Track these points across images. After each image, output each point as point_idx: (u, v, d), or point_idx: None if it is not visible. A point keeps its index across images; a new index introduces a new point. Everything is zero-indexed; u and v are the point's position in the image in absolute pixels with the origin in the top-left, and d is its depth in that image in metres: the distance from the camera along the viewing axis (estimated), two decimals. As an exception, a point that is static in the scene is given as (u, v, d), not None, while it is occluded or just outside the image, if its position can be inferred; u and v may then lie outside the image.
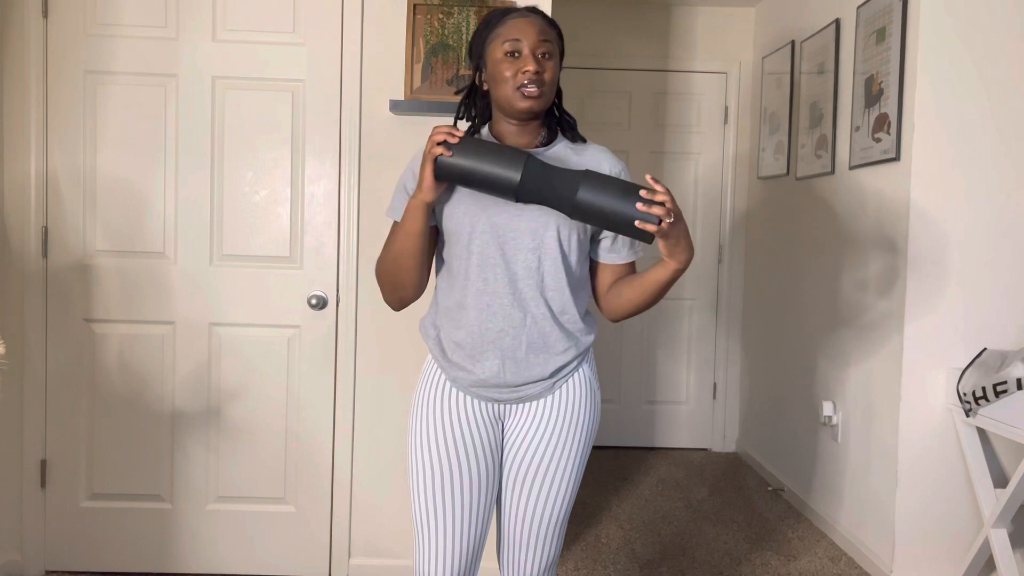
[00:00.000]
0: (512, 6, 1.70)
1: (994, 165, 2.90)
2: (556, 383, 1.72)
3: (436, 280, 1.76)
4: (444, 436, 1.70)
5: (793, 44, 4.06)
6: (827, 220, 3.61)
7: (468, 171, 1.54)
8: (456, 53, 2.74)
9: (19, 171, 2.75)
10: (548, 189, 1.53)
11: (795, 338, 3.97)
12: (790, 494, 3.94)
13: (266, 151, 2.79)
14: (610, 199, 1.50)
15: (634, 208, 1.48)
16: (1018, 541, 2.85)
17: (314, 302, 2.79)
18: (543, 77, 1.62)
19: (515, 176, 1.52)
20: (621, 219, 1.50)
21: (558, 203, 1.54)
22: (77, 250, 2.78)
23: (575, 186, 1.52)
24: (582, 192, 1.51)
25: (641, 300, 1.67)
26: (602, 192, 1.50)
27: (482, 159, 1.53)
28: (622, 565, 3.15)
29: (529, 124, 1.69)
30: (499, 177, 1.53)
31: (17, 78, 2.73)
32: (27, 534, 2.82)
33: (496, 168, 1.53)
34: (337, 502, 2.86)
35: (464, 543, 1.71)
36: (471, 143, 1.55)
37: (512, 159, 1.53)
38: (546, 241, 1.64)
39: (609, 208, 1.50)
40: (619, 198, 1.49)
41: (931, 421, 2.95)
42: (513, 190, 1.53)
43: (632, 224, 1.49)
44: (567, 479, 1.74)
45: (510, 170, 1.52)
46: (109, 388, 2.82)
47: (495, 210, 1.64)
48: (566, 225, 1.65)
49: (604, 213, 1.50)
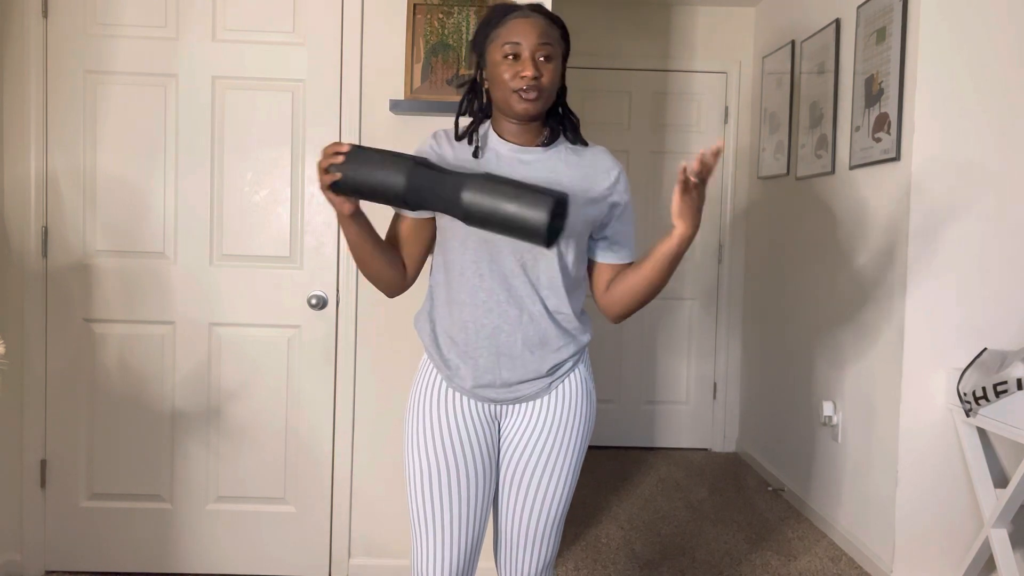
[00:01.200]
0: (515, 4, 1.68)
1: (994, 164, 2.90)
2: (553, 383, 1.71)
3: (432, 274, 1.76)
4: (441, 436, 1.70)
5: (793, 44, 4.06)
6: (827, 220, 3.61)
7: (360, 185, 1.50)
8: (456, 53, 2.74)
9: (19, 171, 2.75)
10: (435, 195, 1.48)
11: (795, 338, 3.97)
12: (790, 494, 3.94)
13: (266, 151, 2.79)
14: (497, 201, 1.44)
15: (525, 210, 1.42)
16: (1018, 541, 2.85)
17: (314, 302, 2.79)
18: (541, 82, 1.61)
19: (400, 182, 1.48)
20: (510, 223, 1.43)
21: (447, 208, 1.49)
22: (77, 250, 2.78)
23: (459, 189, 1.47)
24: (466, 195, 1.46)
25: (647, 281, 1.64)
26: (489, 195, 1.44)
27: (369, 171, 1.50)
28: (622, 565, 3.15)
29: (530, 124, 1.68)
30: (386, 186, 1.49)
31: (17, 78, 2.73)
32: (27, 534, 2.82)
33: (382, 177, 1.49)
34: (337, 502, 2.86)
35: (461, 543, 1.71)
36: (358, 156, 1.50)
37: (396, 166, 1.49)
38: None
39: (497, 211, 1.44)
40: (508, 200, 1.43)
41: (931, 421, 2.95)
42: (401, 198, 1.50)
43: (523, 228, 1.43)
44: (564, 479, 1.74)
45: (395, 177, 1.48)
46: (109, 388, 2.82)
47: None
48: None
49: (492, 217, 1.44)
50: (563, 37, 1.68)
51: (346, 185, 1.51)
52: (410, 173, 1.49)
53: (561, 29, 1.68)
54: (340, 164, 1.50)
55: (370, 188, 1.50)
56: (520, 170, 1.67)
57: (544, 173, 1.67)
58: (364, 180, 1.50)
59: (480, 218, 1.46)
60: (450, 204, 1.48)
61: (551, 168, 1.68)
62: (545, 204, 1.42)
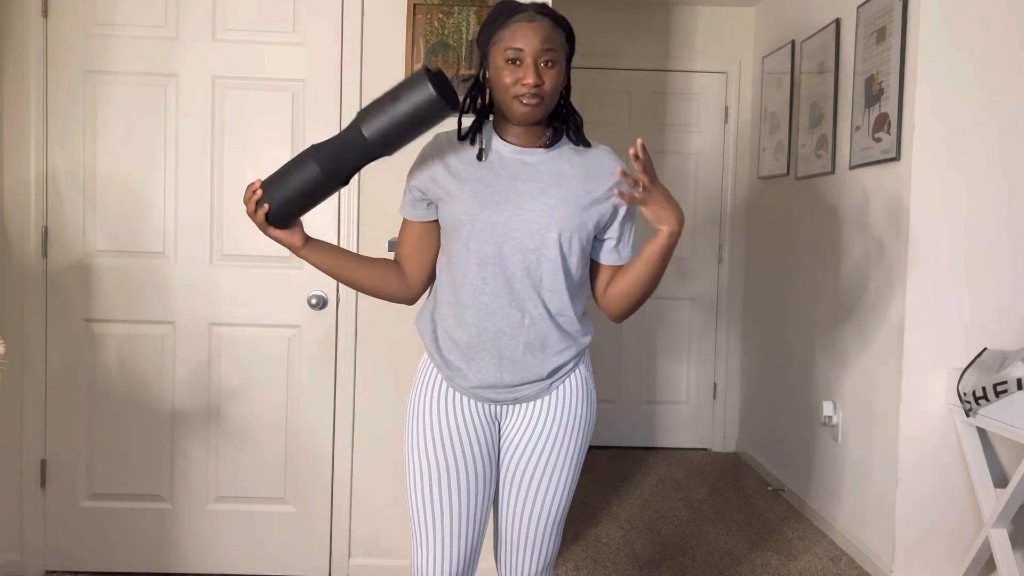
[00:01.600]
0: (520, 4, 1.65)
1: (994, 165, 2.90)
2: (553, 384, 1.71)
3: (436, 274, 1.76)
4: (441, 436, 1.70)
5: (793, 44, 4.06)
6: (827, 220, 3.61)
7: (288, 198, 1.58)
8: (456, 53, 2.74)
9: (19, 171, 2.75)
10: (348, 153, 1.56)
11: (795, 338, 3.97)
12: (790, 494, 3.94)
13: (266, 151, 2.79)
14: (390, 114, 1.52)
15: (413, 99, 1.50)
16: (1018, 541, 2.85)
17: (314, 302, 2.79)
18: (543, 89, 1.59)
19: (314, 169, 1.56)
20: (413, 117, 1.51)
21: (365, 154, 1.56)
22: (77, 250, 2.78)
23: (358, 133, 1.54)
24: (366, 130, 1.53)
25: (641, 281, 1.66)
26: (380, 115, 1.52)
27: (285, 181, 1.57)
28: (622, 565, 3.15)
29: (533, 125, 1.68)
30: (307, 180, 1.57)
31: (17, 78, 2.73)
32: (27, 534, 2.82)
33: (299, 177, 1.57)
34: (337, 502, 2.86)
35: (461, 543, 1.71)
36: (271, 180, 1.59)
37: (302, 161, 1.57)
38: (546, 242, 1.63)
39: (396, 119, 1.52)
40: (395, 105, 1.51)
41: (931, 421, 2.95)
42: (327, 182, 1.57)
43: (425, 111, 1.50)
44: (564, 480, 1.74)
45: (307, 169, 1.56)
46: (109, 388, 2.82)
47: (495, 209, 1.63)
48: (568, 227, 1.64)
49: (398, 127, 1.52)
50: (568, 39, 1.66)
51: (277, 207, 1.59)
52: (316, 156, 1.56)
53: (566, 31, 1.66)
54: (261, 197, 1.59)
55: (297, 193, 1.58)
56: (523, 172, 1.66)
57: (547, 174, 1.66)
58: (287, 191, 1.58)
59: (394, 136, 1.54)
60: (364, 150, 1.56)
61: (555, 169, 1.67)
62: (421, 80, 1.50)
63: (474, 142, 1.69)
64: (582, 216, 1.65)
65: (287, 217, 1.60)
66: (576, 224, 1.64)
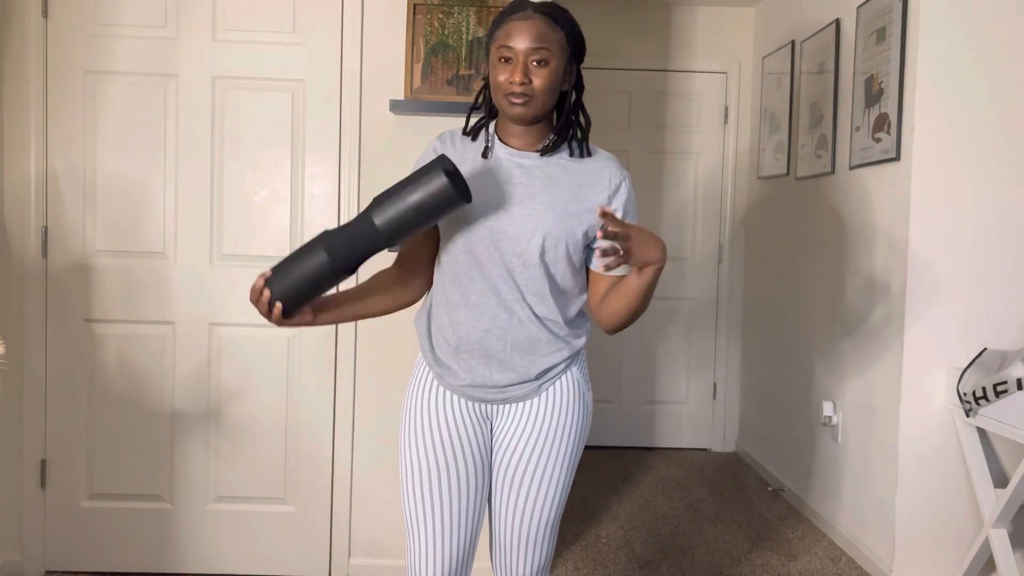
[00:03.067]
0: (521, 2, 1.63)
1: (994, 165, 2.90)
2: (543, 385, 1.71)
3: (435, 274, 1.76)
4: (433, 436, 1.70)
5: (793, 44, 4.06)
6: (827, 220, 3.61)
7: (298, 290, 1.54)
8: (456, 53, 2.74)
9: (19, 171, 2.75)
10: (358, 241, 1.53)
11: (795, 338, 3.97)
12: (790, 494, 3.94)
13: (266, 151, 2.79)
14: (402, 205, 1.49)
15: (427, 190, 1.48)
16: (1018, 541, 2.85)
17: (314, 302, 2.79)
18: (530, 87, 1.58)
19: (324, 259, 1.53)
20: (425, 209, 1.50)
21: (376, 244, 1.53)
22: (77, 250, 2.78)
23: (369, 222, 1.51)
24: (378, 220, 1.51)
25: (628, 306, 1.62)
26: (391, 206, 1.50)
27: (293, 273, 1.54)
28: (622, 565, 3.15)
29: (533, 126, 1.67)
30: (317, 272, 1.53)
31: (17, 78, 2.73)
32: (27, 534, 2.82)
33: (307, 268, 1.53)
34: (337, 502, 2.86)
35: (455, 543, 1.71)
36: (276, 272, 1.55)
37: (310, 251, 1.53)
38: (531, 247, 1.62)
39: (409, 211, 1.49)
40: (409, 195, 1.49)
41: (931, 421, 2.95)
42: (338, 269, 1.54)
43: (437, 203, 1.49)
44: (556, 481, 1.73)
45: (316, 258, 1.53)
46: (109, 388, 2.81)
47: (484, 212, 1.63)
48: (554, 233, 1.62)
49: (409, 219, 1.50)
50: (569, 38, 1.64)
51: (289, 301, 1.55)
52: (326, 245, 1.53)
53: (566, 30, 1.63)
54: (271, 293, 1.54)
55: (307, 285, 1.54)
56: (516, 175, 1.66)
57: (539, 179, 1.65)
58: (296, 284, 1.54)
59: (402, 228, 1.52)
60: (374, 239, 1.53)
61: (548, 175, 1.66)
62: (436, 173, 1.49)
63: (476, 138, 1.70)
64: (570, 223, 1.63)
65: (295, 309, 1.57)
66: (563, 231, 1.63)
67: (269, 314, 1.56)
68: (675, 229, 4.79)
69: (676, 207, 4.79)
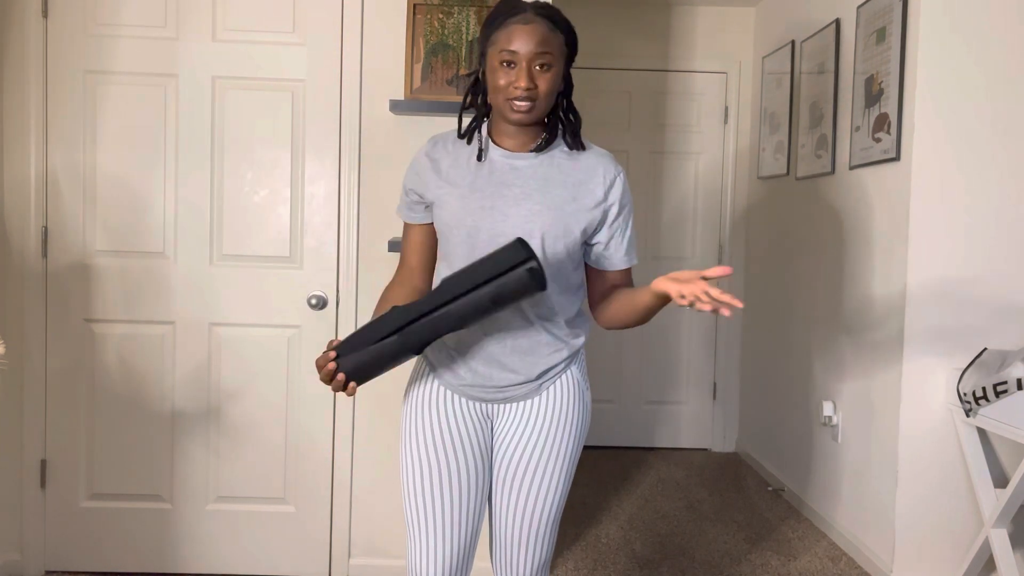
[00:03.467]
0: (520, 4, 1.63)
1: (994, 164, 2.90)
2: (543, 384, 1.71)
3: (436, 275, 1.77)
4: (434, 435, 1.70)
5: (793, 44, 4.06)
6: (827, 220, 3.61)
7: (369, 372, 1.52)
8: (456, 53, 2.74)
9: (19, 171, 2.75)
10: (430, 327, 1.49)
11: (795, 338, 3.97)
12: (790, 494, 3.94)
13: (266, 151, 2.79)
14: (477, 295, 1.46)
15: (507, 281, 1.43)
16: (1018, 541, 2.85)
17: (314, 302, 2.79)
18: (535, 92, 1.58)
19: (397, 344, 1.50)
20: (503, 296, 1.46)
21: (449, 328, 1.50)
22: (77, 250, 2.78)
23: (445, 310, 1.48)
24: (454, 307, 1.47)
25: (630, 319, 1.67)
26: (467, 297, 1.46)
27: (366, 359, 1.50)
28: (622, 565, 3.15)
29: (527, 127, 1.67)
30: (390, 355, 1.51)
31: (17, 78, 2.73)
32: (27, 534, 2.82)
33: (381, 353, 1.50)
34: (337, 502, 2.86)
35: (456, 542, 1.71)
36: (346, 348, 1.51)
37: (383, 333, 1.50)
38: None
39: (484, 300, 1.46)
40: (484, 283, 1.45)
41: (931, 421, 2.95)
42: (404, 353, 1.51)
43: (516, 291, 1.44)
44: (557, 480, 1.73)
45: (390, 345, 1.50)
46: (109, 388, 2.81)
47: (481, 214, 1.63)
48: (552, 232, 1.62)
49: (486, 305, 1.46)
50: (568, 41, 1.64)
51: (360, 380, 1.53)
52: (400, 333, 1.50)
53: (566, 33, 1.63)
54: (346, 376, 1.51)
55: (378, 366, 1.52)
56: (510, 177, 1.65)
57: (534, 179, 1.65)
58: (367, 367, 1.51)
59: (478, 312, 1.48)
60: (447, 322, 1.49)
61: (542, 174, 1.66)
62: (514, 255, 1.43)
63: (471, 141, 1.69)
64: (568, 221, 1.64)
65: (364, 382, 1.56)
66: (560, 230, 1.63)
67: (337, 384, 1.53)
68: (675, 229, 4.79)
69: (676, 207, 4.78)
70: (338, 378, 1.51)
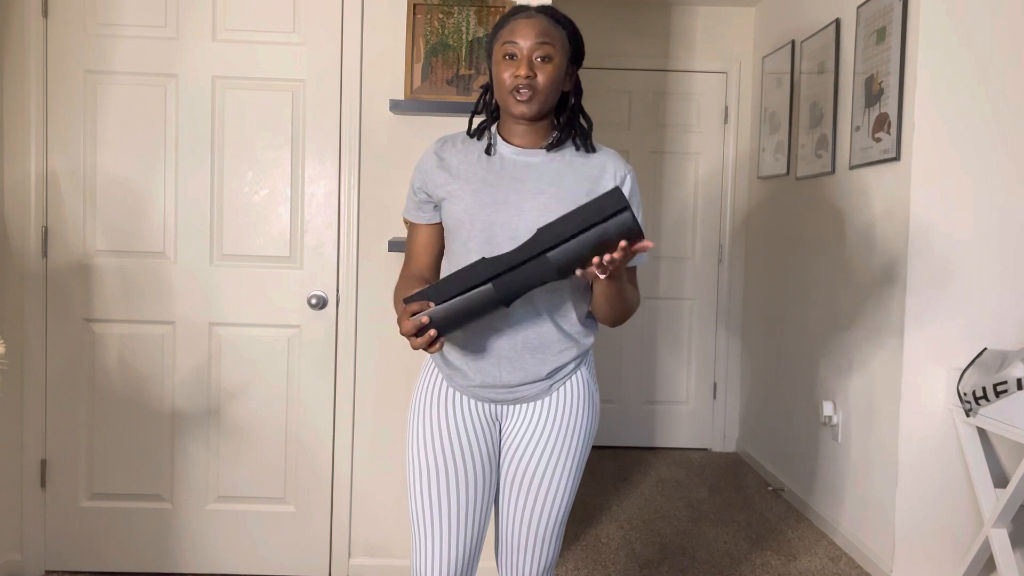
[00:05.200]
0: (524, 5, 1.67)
1: (994, 164, 2.90)
2: (553, 385, 1.71)
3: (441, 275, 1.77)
4: (441, 436, 1.70)
5: (793, 44, 4.06)
6: (827, 220, 3.61)
7: (456, 321, 1.48)
8: (456, 53, 2.74)
9: (19, 171, 2.75)
10: (526, 280, 1.47)
11: (795, 338, 3.97)
12: (790, 494, 3.94)
13: (266, 151, 2.79)
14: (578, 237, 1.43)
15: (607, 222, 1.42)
16: (1018, 541, 2.85)
17: (314, 302, 2.79)
18: (535, 82, 1.60)
19: (490, 293, 1.47)
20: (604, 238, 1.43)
21: (545, 278, 1.48)
22: (77, 250, 2.78)
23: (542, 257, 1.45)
24: (552, 254, 1.45)
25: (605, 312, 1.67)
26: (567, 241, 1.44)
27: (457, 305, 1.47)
28: (622, 565, 3.15)
29: (536, 125, 1.68)
30: (480, 305, 1.47)
31: (17, 78, 2.73)
32: (27, 534, 2.82)
33: (472, 302, 1.47)
34: (337, 502, 2.86)
35: (461, 543, 1.71)
36: (433, 292, 1.48)
37: (474, 281, 1.47)
38: None
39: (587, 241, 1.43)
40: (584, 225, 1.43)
41: (931, 421, 2.95)
42: (495, 304, 1.49)
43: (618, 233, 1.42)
44: (565, 482, 1.73)
45: (482, 293, 1.47)
46: (109, 388, 2.82)
47: (494, 209, 1.64)
48: None
49: (587, 249, 1.44)
50: (571, 39, 1.67)
51: (444, 329, 1.50)
52: (493, 280, 1.47)
53: (568, 30, 1.67)
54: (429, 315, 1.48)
55: (465, 316, 1.49)
56: (523, 172, 1.66)
57: (547, 175, 1.66)
58: (456, 315, 1.48)
59: (575, 262, 1.45)
60: (544, 272, 1.46)
61: (555, 171, 1.67)
62: (616, 201, 1.42)
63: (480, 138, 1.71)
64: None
65: (446, 335, 1.52)
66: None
67: (416, 334, 1.49)
68: (675, 229, 4.79)
69: (676, 207, 4.79)
70: (430, 332, 1.48)
